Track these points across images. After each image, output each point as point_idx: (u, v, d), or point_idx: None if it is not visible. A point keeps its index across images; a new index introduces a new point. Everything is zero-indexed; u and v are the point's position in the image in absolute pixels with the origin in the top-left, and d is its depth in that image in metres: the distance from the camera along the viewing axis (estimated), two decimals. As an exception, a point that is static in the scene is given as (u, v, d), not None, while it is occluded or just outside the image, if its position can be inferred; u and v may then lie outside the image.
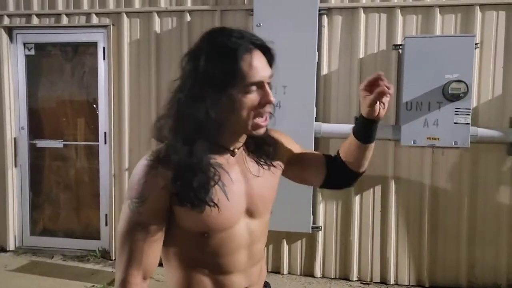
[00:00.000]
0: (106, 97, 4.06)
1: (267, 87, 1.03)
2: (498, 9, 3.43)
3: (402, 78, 3.33)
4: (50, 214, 4.42)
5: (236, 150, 1.11)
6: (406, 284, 3.63)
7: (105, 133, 4.13)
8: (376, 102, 1.08)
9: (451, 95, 3.14)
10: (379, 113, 1.11)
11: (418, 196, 3.58)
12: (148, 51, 3.93)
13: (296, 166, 1.29)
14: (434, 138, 3.25)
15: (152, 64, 3.91)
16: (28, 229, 4.37)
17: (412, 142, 3.28)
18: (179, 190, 0.99)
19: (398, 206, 3.61)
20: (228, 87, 0.99)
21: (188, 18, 3.85)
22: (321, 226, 3.71)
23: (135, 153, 4.02)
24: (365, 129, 1.18)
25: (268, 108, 1.05)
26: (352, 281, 3.67)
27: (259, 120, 1.04)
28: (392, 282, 3.63)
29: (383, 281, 3.66)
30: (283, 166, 1.25)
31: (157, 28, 3.91)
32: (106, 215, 4.17)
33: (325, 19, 3.61)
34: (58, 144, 4.31)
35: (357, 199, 3.65)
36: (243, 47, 0.99)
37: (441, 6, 3.47)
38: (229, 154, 1.10)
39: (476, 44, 3.27)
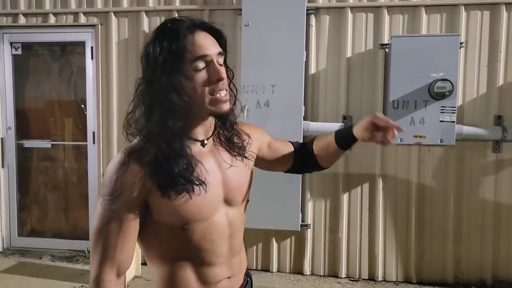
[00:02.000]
0: (94, 97, 4.04)
1: (215, 63, 1.03)
2: (482, 9, 3.49)
3: (389, 77, 3.36)
4: (38, 214, 4.39)
5: (205, 140, 1.12)
6: (394, 280, 3.67)
7: (93, 133, 4.11)
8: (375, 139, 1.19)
9: (436, 93, 3.19)
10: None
11: (405, 194, 3.63)
12: (137, 51, 3.91)
13: (266, 157, 1.35)
14: (420, 136, 3.30)
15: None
16: (16, 230, 4.34)
17: (399, 140, 3.32)
18: (159, 179, 1.01)
19: (386, 203, 3.66)
20: (177, 66, 1.00)
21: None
22: (309, 224, 3.74)
23: (124, 153, 4.00)
24: (350, 142, 1.27)
25: (222, 86, 1.04)
26: (341, 278, 3.71)
27: (216, 96, 1.03)
28: (380, 278, 3.68)
29: (371, 277, 3.70)
30: (255, 157, 1.29)
31: (145, 27, 3.91)
32: (95, 215, 4.15)
33: (312, 18, 3.64)
34: (45, 144, 4.28)
35: (345, 196, 3.69)
36: (184, 27, 1.02)
37: (426, 6, 3.52)
38: (200, 145, 1.11)
39: (461, 43, 3.32)
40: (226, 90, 1.06)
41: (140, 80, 1.06)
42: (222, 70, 1.04)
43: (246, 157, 1.19)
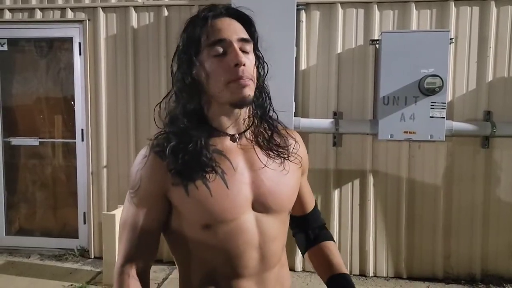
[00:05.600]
0: (83, 94, 3.99)
1: (235, 47, 0.96)
2: (472, 5, 3.49)
3: (379, 73, 3.36)
4: (26, 213, 4.34)
5: (237, 135, 1.03)
6: (384, 276, 3.69)
7: (82, 130, 4.06)
8: None
9: (427, 89, 3.19)
10: None
11: (395, 190, 3.64)
12: (125, 47, 3.87)
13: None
14: (410, 132, 3.30)
15: (130, 59, 3.86)
16: (4, 228, 4.27)
17: (389, 136, 3.33)
18: (175, 168, 0.95)
19: (376, 199, 3.66)
20: (194, 52, 0.98)
21: (166, 13, 3.81)
22: (301, 221, 3.72)
23: (113, 150, 3.97)
24: None
25: (242, 72, 0.95)
26: (332, 274, 3.71)
27: (237, 82, 0.95)
28: (371, 274, 3.69)
29: (362, 273, 3.71)
30: (302, 163, 1.12)
31: (134, 23, 3.86)
32: (84, 213, 4.11)
33: (303, 14, 3.62)
34: (33, 141, 4.22)
35: (336, 193, 3.69)
36: (208, 14, 0.98)
37: (416, 2, 3.52)
38: (229, 140, 1.02)
39: (451, 39, 3.32)
40: (248, 78, 0.97)
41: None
42: (242, 55, 0.96)
43: (288, 159, 1.06)
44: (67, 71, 4.13)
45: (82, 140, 4.07)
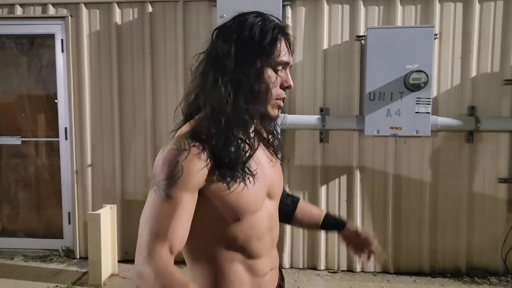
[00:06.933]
0: (66, 91, 3.92)
1: (288, 71, 1.10)
2: (455, 1, 3.52)
3: (365, 69, 3.37)
4: (9, 213, 4.25)
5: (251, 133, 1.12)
6: (372, 271, 3.71)
7: (65, 128, 3.99)
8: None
9: (412, 85, 3.21)
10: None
11: (382, 185, 3.66)
12: (109, 43, 3.81)
13: None
14: (396, 128, 3.32)
15: (113, 56, 3.80)
16: (-14, 230, 4.19)
17: (375, 132, 3.34)
18: (221, 165, 0.99)
19: (363, 195, 3.68)
20: (263, 62, 1.03)
21: (150, 9, 3.76)
22: (288, 217, 3.72)
23: (98, 149, 3.91)
24: (334, 229, 1.52)
25: (284, 93, 1.10)
26: (320, 270, 3.72)
27: (279, 101, 1.09)
28: (358, 269, 3.71)
29: (350, 269, 3.73)
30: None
31: (117, 19, 3.80)
32: (69, 213, 4.04)
33: (288, 10, 3.61)
34: (15, 141, 4.13)
35: (323, 189, 3.69)
36: (280, 31, 1.07)
37: (401, -2, 3.54)
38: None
39: (435, 35, 3.35)
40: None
41: (212, 62, 1.05)
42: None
43: (277, 157, 1.24)
44: (49, 69, 4.05)
45: (66, 138, 4.00)
